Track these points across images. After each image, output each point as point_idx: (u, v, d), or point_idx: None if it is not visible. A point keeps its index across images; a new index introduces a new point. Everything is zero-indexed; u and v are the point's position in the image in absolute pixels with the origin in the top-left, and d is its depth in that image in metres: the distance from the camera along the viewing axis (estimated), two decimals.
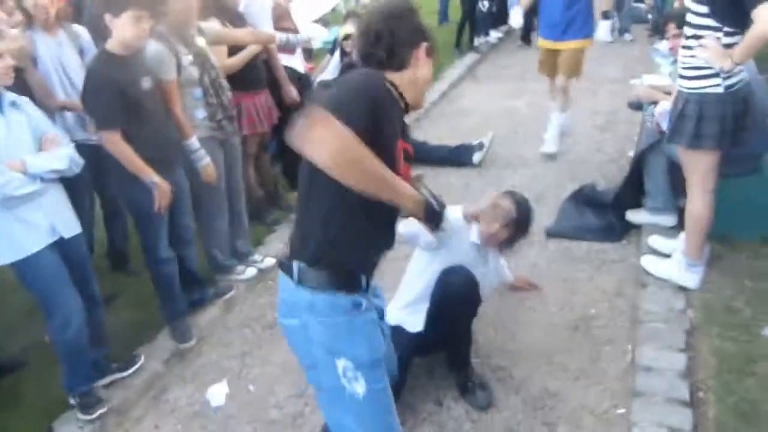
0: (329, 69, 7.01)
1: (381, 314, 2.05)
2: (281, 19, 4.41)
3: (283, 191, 4.77)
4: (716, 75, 2.84)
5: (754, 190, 3.56)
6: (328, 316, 1.81)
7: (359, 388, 1.84)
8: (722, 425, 2.43)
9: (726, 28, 2.77)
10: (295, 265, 1.83)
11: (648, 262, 3.42)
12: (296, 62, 4.62)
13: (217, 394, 3.06)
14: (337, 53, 6.92)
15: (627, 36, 8.81)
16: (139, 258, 3.56)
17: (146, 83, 2.94)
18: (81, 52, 3.42)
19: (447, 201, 4.69)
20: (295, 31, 4.61)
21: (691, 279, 3.25)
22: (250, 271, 3.82)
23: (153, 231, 3.15)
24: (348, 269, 1.83)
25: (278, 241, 4.21)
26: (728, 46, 2.77)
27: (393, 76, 1.83)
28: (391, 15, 1.85)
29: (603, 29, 7.57)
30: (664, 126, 3.15)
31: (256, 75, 4.03)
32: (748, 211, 3.55)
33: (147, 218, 3.10)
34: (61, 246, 2.70)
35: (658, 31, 8.54)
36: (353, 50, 6.64)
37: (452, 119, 6.51)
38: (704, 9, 2.77)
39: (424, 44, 1.88)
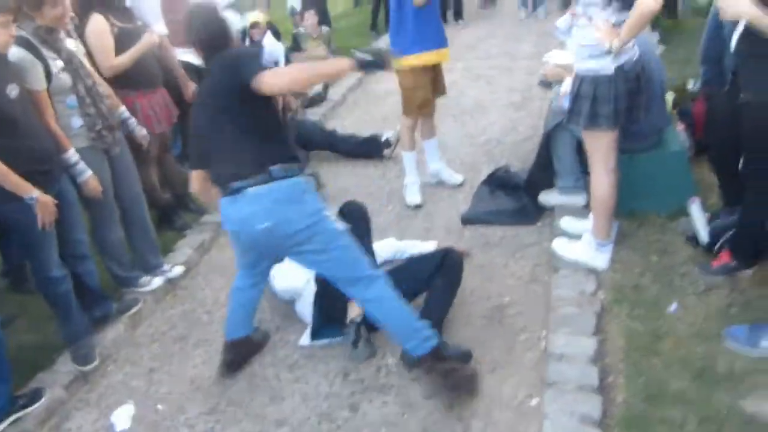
0: None
1: None
2: (173, 10, 4.16)
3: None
4: (607, 54, 2.84)
5: (658, 165, 3.62)
6: (307, 188, 2.59)
7: (341, 224, 2.63)
8: (630, 408, 2.45)
9: (615, 3, 2.77)
10: (272, 168, 2.49)
11: (559, 245, 3.44)
12: (192, 55, 4.39)
13: (123, 416, 2.89)
14: (247, 42, 6.69)
15: (540, 11, 8.89)
16: None
17: (13, 91, 2.70)
18: None
19: (363, 191, 4.66)
20: None
21: (600, 259, 3.28)
22: (156, 281, 3.64)
23: (40, 250, 2.93)
24: (296, 159, 2.62)
25: (188, 247, 4.03)
26: (617, 24, 2.77)
27: None
28: None
29: None
30: (566, 106, 3.14)
31: (149, 72, 3.80)
32: (654, 186, 3.62)
33: (32, 237, 2.87)
34: None
35: (568, 4, 8.67)
36: (261, 38, 6.46)
37: (369, 106, 6.42)
38: None
39: None
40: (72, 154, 3.04)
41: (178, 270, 3.77)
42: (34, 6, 2.90)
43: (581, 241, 3.36)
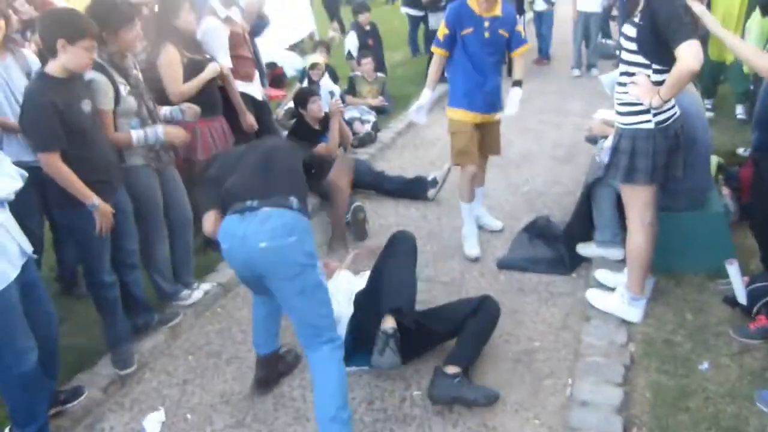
0: None
1: None
2: (237, 47, 4.44)
3: None
4: (647, 111, 2.90)
5: (699, 225, 3.62)
6: (311, 234, 2.70)
7: (326, 280, 2.75)
8: None
9: (655, 66, 2.84)
10: (292, 198, 2.66)
11: (592, 295, 3.45)
12: (254, 89, 4.65)
13: (154, 422, 3.01)
14: (306, 81, 7.00)
15: (594, 71, 8.97)
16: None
17: (86, 106, 2.95)
18: (29, 75, 3.42)
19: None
20: (253, 59, 4.65)
21: (633, 313, 3.28)
22: (196, 295, 3.79)
23: (95, 255, 3.12)
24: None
25: (230, 268, 4.16)
26: (658, 83, 2.83)
27: None
28: None
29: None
30: (606, 160, 3.21)
31: (211, 101, 4.05)
32: (693, 245, 3.61)
33: (88, 242, 3.07)
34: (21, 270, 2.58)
35: None
36: (319, 78, 6.74)
37: (417, 150, 6.57)
38: (633, 46, 2.85)
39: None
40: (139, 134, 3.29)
41: (216, 289, 3.92)
42: (112, 30, 3.17)
43: (615, 293, 3.37)
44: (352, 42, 8.24)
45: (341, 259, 4.00)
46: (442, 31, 3.94)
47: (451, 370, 2.93)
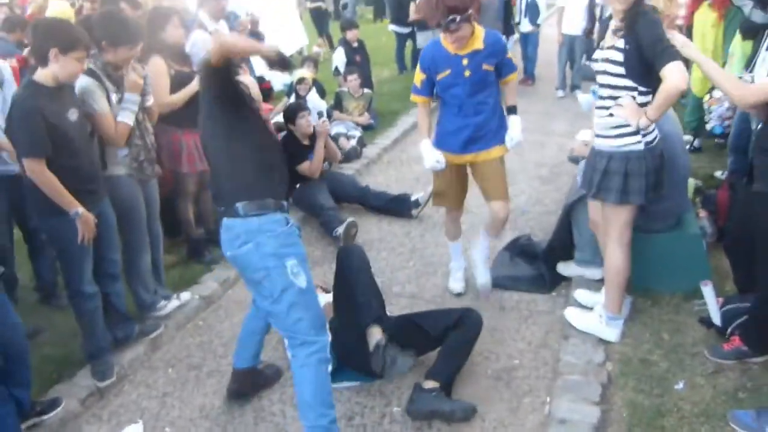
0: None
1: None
2: None
3: None
4: (636, 132, 2.96)
5: (676, 246, 3.68)
6: (273, 230, 2.56)
7: (302, 281, 2.57)
8: None
9: (640, 88, 2.91)
10: (238, 205, 2.55)
11: (571, 314, 3.49)
12: None
13: None
14: (293, 96, 7.05)
15: (578, 92, 9.10)
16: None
17: (73, 115, 2.97)
18: (1, 85, 3.44)
19: (386, 246, 4.78)
20: (246, 71, 4.68)
21: (611, 333, 3.32)
22: (173, 304, 3.79)
23: (76, 264, 3.11)
24: (274, 197, 2.61)
25: (214, 281, 4.18)
26: (642, 104, 2.91)
27: None
28: None
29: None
30: (579, 181, 3.27)
31: (197, 113, 4.03)
32: (670, 266, 3.67)
33: (70, 251, 3.06)
34: None
35: None
36: (306, 93, 6.79)
37: (402, 166, 6.62)
38: (620, 70, 2.90)
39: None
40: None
41: (197, 300, 3.93)
42: (113, 43, 3.20)
43: (592, 312, 3.42)
44: (339, 58, 8.32)
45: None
46: (418, 77, 3.56)
47: (429, 384, 2.97)
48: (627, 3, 2.83)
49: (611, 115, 3.00)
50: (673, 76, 2.67)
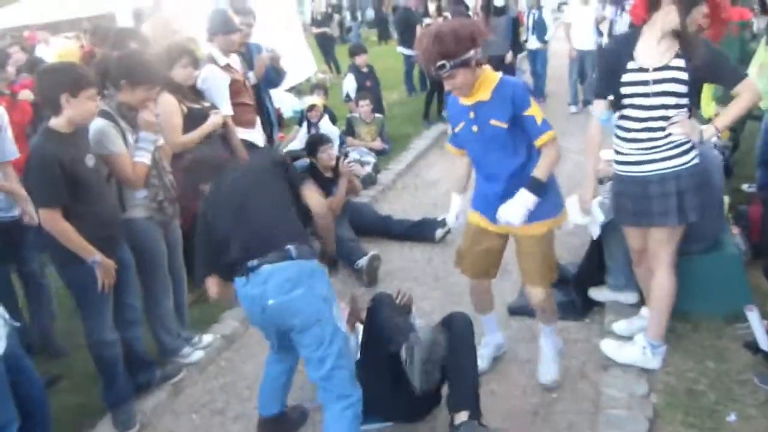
0: (297, 139, 7.07)
1: None
2: (238, 94, 4.40)
3: None
4: (693, 148, 2.91)
5: (714, 268, 3.55)
6: (322, 276, 2.61)
7: (343, 326, 2.61)
8: None
9: (688, 105, 2.88)
10: (290, 247, 2.55)
11: (608, 347, 3.33)
12: (256, 135, 4.60)
13: None
14: (305, 124, 6.99)
15: (591, 107, 9.02)
16: (71, 338, 3.59)
17: (90, 161, 2.90)
18: None
19: (409, 276, 4.63)
20: (254, 106, 4.61)
21: (655, 361, 3.18)
22: (197, 354, 3.67)
23: (96, 312, 3.02)
24: (313, 247, 2.69)
25: (233, 319, 4.07)
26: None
27: None
28: None
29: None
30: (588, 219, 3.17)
31: (212, 151, 3.98)
32: (709, 288, 3.53)
33: (90, 299, 2.97)
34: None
35: None
36: (317, 120, 6.73)
37: (417, 191, 6.52)
38: (684, 89, 2.82)
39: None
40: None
41: (218, 342, 3.81)
42: (132, 83, 3.13)
43: (633, 343, 3.26)
44: (350, 84, 8.26)
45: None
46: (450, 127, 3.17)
47: (460, 418, 2.73)
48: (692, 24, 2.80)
49: (666, 135, 2.88)
50: (752, 90, 2.80)
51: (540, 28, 9.52)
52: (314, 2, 14.54)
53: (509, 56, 8.98)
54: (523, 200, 2.80)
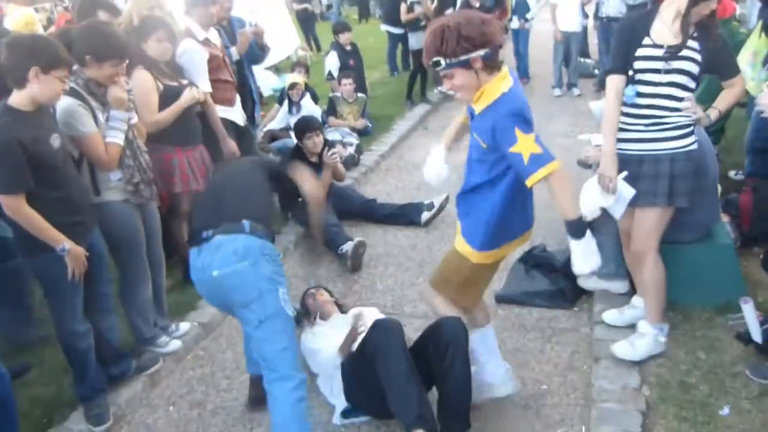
0: (278, 118, 6.88)
1: None
2: (217, 70, 4.20)
3: None
4: (692, 133, 2.89)
5: (706, 258, 3.49)
6: (271, 256, 2.55)
7: (289, 310, 2.54)
8: None
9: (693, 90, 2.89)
10: (245, 222, 2.54)
11: (622, 350, 3.16)
12: (235, 114, 4.42)
13: None
14: (285, 102, 6.79)
15: (575, 90, 8.93)
16: (42, 327, 3.42)
17: (55, 141, 2.68)
18: None
19: (393, 261, 4.47)
20: (234, 83, 4.41)
21: (663, 342, 3.17)
22: (174, 344, 3.51)
23: (67, 303, 2.84)
24: (272, 228, 2.70)
25: (210, 306, 3.91)
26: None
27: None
28: None
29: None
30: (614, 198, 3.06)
31: (190, 129, 3.80)
32: (701, 278, 3.48)
33: (59, 289, 2.80)
34: None
35: (604, 85, 8.68)
36: (299, 98, 6.54)
37: (401, 173, 6.38)
38: (696, 71, 2.83)
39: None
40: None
41: (195, 331, 3.67)
42: (98, 58, 2.92)
43: (642, 335, 3.17)
44: (332, 62, 8.04)
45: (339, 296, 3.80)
46: None
47: None
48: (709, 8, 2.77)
49: (669, 116, 2.89)
50: (742, 82, 2.94)
51: (522, 7, 9.35)
52: None
53: None
54: (580, 250, 2.48)
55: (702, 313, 3.43)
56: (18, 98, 2.59)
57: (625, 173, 2.97)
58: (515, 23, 9.50)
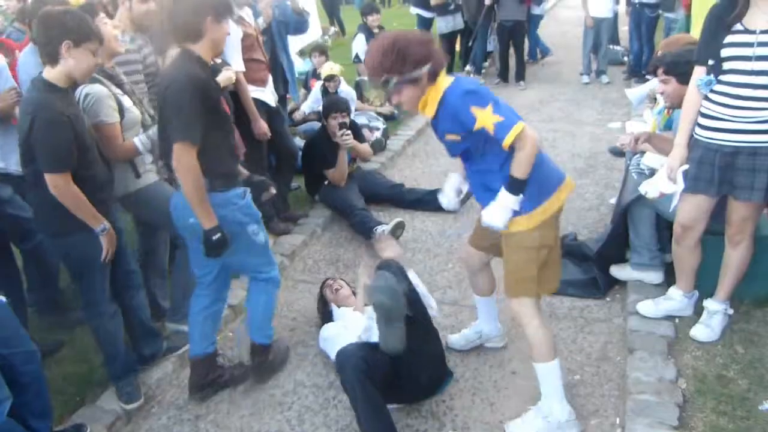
0: (308, 102, 6.81)
1: None
2: (250, 50, 4.16)
3: None
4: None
5: None
6: (237, 203, 2.80)
7: (262, 237, 2.92)
8: None
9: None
10: (207, 179, 2.65)
11: (701, 333, 3.18)
12: (267, 95, 4.38)
13: None
14: (318, 89, 6.70)
15: (604, 78, 8.77)
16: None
17: (86, 120, 2.71)
18: None
19: (422, 248, 4.41)
20: (267, 63, 4.37)
21: (731, 314, 3.25)
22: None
23: (97, 284, 2.85)
24: (232, 176, 2.85)
25: (240, 288, 3.89)
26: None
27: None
28: None
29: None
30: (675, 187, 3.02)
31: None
32: None
33: (92, 270, 2.80)
34: None
35: (634, 73, 8.55)
36: (336, 89, 6.47)
37: (428, 158, 6.32)
38: None
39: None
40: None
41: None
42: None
43: (712, 314, 3.21)
44: (360, 45, 7.95)
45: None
46: None
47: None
48: None
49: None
50: None
51: None
52: None
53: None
54: (503, 202, 2.49)
55: (739, 306, 3.36)
56: (54, 74, 2.57)
57: (686, 166, 2.94)
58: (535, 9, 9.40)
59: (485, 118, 2.40)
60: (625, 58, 9.31)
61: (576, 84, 8.82)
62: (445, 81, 2.49)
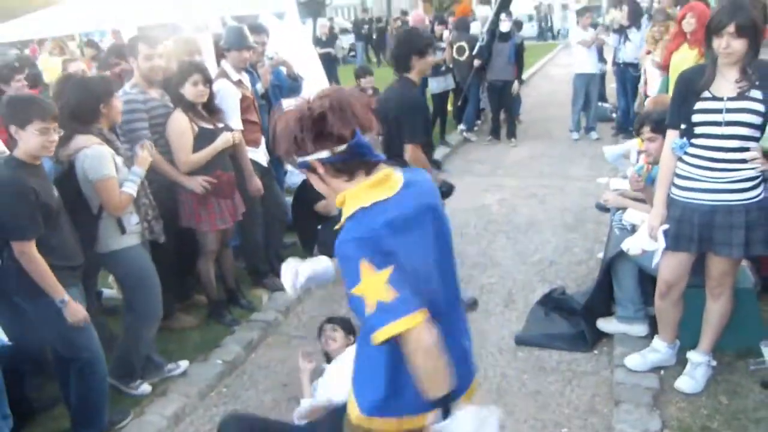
0: None
1: None
2: (247, 111, 4.37)
3: (245, 288, 4.59)
4: (762, 183, 2.93)
5: None
6: None
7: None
8: None
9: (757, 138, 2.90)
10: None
11: (685, 384, 3.25)
12: (260, 155, 4.56)
13: None
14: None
15: (593, 134, 9.01)
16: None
17: (55, 191, 2.89)
18: None
19: None
20: (259, 125, 4.56)
21: (714, 365, 3.33)
22: (144, 388, 3.51)
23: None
24: None
25: (236, 344, 3.98)
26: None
27: None
28: None
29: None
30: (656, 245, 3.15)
31: (222, 170, 3.93)
32: None
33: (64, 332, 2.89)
34: None
35: (622, 129, 8.78)
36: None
37: None
38: (759, 121, 2.82)
39: None
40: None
41: (184, 365, 3.70)
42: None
43: (696, 366, 3.28)
44: None
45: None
46: None
47: None
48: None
49: (743, 168, 2.88)
50: None
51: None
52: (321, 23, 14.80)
53: (516, 86, 9.05)
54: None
55: (722, 357, 3.43)
56: (18, 152, 2.76)
57: (666, 226, 3.07)
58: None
59: (372, 287, 1.56)
60: (614, 115, 9.57)
61: (566, 140, 9.05)
62: (373, 192, 1.66)
